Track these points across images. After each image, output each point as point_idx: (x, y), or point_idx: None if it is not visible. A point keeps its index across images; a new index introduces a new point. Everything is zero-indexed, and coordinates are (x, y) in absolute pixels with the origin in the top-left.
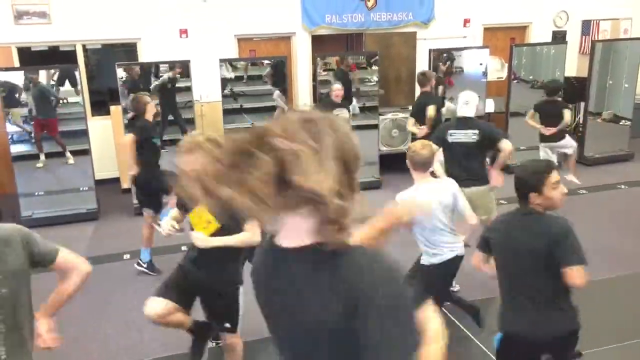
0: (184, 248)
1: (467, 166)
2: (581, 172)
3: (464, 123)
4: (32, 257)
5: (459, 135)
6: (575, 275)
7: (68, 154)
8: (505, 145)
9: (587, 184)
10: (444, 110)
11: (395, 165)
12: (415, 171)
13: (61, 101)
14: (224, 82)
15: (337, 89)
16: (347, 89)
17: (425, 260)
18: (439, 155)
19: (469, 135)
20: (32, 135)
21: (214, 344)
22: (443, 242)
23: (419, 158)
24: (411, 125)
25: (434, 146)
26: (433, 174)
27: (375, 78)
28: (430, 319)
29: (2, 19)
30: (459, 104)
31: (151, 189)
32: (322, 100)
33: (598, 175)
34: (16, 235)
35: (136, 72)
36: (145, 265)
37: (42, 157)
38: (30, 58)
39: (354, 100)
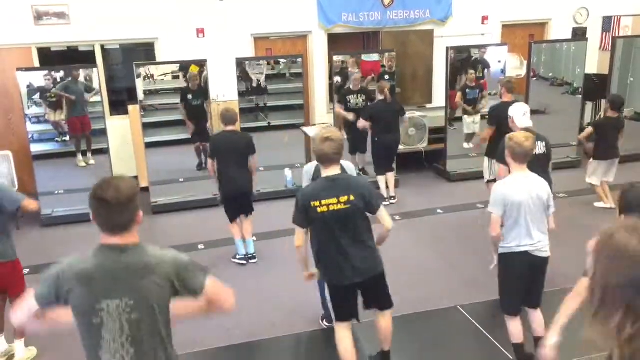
0: (201, 247)
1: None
2: None
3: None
4: (176, 291)
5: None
6: None
7: (89, 155)
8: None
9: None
10: None
11: (412, 164)
12: (515, 162)
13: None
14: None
15: (356, 78)
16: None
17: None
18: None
19: (539, 147)
20: (66, 134)
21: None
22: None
23: (521, 150)
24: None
25: None
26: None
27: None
28: None
29: (22, 20)
30: (516, 116)
31: None
32: (339, 91)
33: (619, 173)
34: (167, 266)
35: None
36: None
37: (80, 156)
38: (50, 58)
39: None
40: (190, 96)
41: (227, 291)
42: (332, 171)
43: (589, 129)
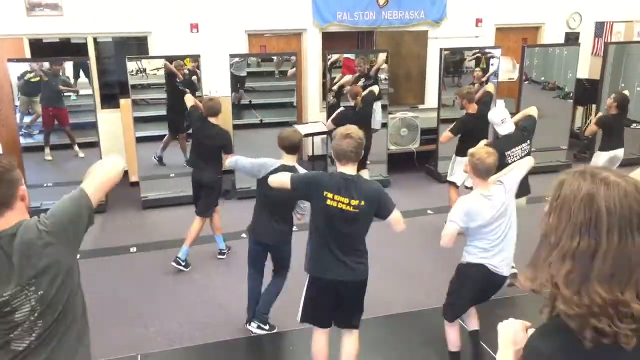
0: None
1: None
2: None
3: (515, 140)
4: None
5: (516, 153)
6: None
7: (77, 148)
8: None
9: None
10: None
11: (403, 164)
12: (479, 178)
13: (74, 94)
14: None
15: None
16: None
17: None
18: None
19: (523, 150)
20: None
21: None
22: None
23: (483, 166)
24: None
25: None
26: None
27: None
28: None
29: (14, 11)
30: (496, 125)
31: None
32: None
33: None
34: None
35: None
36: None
37: (47, 149)
38: (42, 50)
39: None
40: (177, 84)
41: (107, 180)
42: (348, 170)
43: (594, 128)
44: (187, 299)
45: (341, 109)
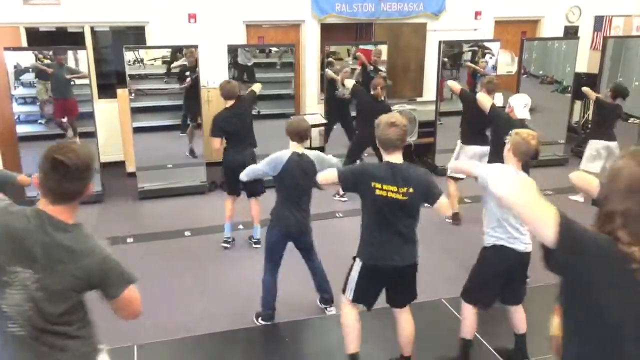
0: (187, 234)
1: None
2: None
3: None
4: (91, 288)
5: None
6: None
7: (77, 140)
8: None
9: None
10: None
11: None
12: (515, 157)
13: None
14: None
15: (345, 71)
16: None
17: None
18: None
19: None
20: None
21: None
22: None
23: (526, 147)
24: None
25: None
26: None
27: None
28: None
29: None
30: (517, 106)
31: None
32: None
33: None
34: (92, 263)
35: None
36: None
37: (70, 133)
38: (38, 39)
39: None
40: (188, 73)
41: (136, 304)
42: (394, 158)
43: (592, 94)
44: (183, 290)
45: (351, 82)
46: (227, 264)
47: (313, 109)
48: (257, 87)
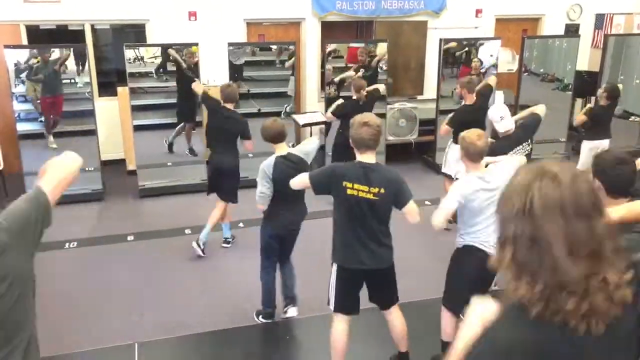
0: (187, 232)
1: None
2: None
3: (516, 139)
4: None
5: (518, 152)
6: None
7: (51, 138)
8: None
9: None
10: None
11: (401, 155)
12: (471, 162)
13: (70, 80)
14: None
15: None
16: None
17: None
18: None
19: (524, 149)
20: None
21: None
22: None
23: (475, 149)
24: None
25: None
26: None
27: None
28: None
29: None
30: (495, 121)
31: None
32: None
33: None
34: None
35: None
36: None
37: (51, 137)
38: (39, 36)
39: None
40: (186, 71)
41: (64, 180)
42: (367, 158)
43: (583, 117)
44: (184, 288)
45: (340, 100)
46: (227, 262)
47: (313, 107)
48: (249, 146)
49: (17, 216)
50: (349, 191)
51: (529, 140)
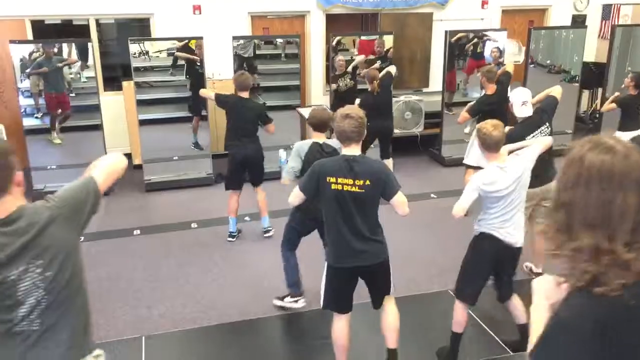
0: (194, 225)
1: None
2: None
3: (535, 123)
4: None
5: (537, 136)
6: None
7: (55, 134)
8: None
9: None
10: None
11: (407, 148)
12: (489, 152)
13: (76, 75)
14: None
15: (339, 61)
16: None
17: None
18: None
19: (543, 132)
20: (46, 109)
21: None
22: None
23: (491, 140)
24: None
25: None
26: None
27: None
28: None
29: None
30: (515, 105)
31: None
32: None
33: None
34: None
35: None
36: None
37: (54, 133)
38: (44, 31)
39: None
40: (198, 65)
41: (114, 171)
42: (351, 150)
43: (612, 105)
44: (191, 282)
45: (358, 100)
46: (234, 256)
47: (318, 100)
48: (270, 128)
49: (69, 198)
50: (333, 186)
51: (547, 124)
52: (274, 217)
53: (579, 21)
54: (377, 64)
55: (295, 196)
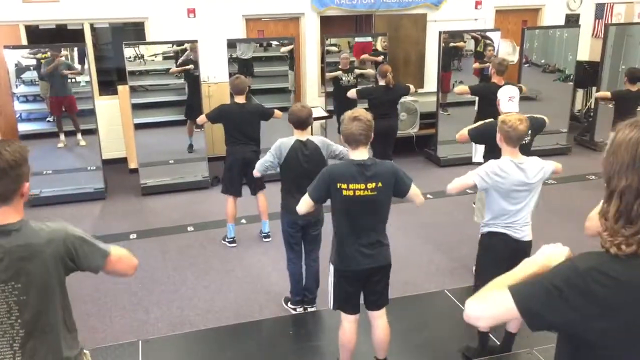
0: (190, 229)
1: None
2: (591, 157)
3: None
4: (72, 268)
5: None
6: None
7: (79, 136)
8: None
9: (597, 169)
10: None
11: (403, 149)
12: (509, 146)
13: (72, 79)
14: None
15: (344, 57)
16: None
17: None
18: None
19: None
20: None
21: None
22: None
23: (515, 134)
24: None
25: None
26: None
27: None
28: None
29: None
30: (502, 100)
31: None
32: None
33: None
34: (57, 245)
35: None
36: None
37: (62, 136)
38: (38, 36)
39: None
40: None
41: (127, 261)
42: (359, 154)
43: (607, 94)
44: (187, 285)
45: (354, 90)
46: (230, 259)
47: (314, 102)
48: (277, 115)
49: (78, 247)
50: (344, 192)
51: (531, 137)
52: (274, 218)
53: (572, 20)
54: (381, 58)
55: (306, 204)
